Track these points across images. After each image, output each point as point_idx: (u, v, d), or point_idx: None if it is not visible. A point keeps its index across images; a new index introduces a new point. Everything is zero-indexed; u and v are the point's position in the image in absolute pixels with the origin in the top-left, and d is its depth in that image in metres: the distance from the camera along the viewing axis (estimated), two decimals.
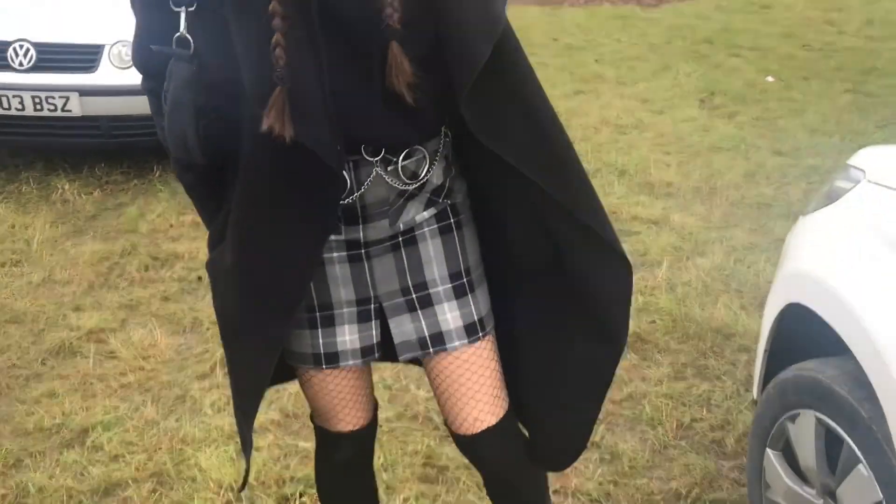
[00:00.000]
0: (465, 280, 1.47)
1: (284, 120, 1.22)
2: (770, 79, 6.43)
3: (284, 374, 1.59)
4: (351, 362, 1.50)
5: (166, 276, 3.49)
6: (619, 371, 2.79)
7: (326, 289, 1.46)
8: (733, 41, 7.72)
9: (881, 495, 1.54)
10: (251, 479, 2.31)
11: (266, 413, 2.62)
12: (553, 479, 2.33)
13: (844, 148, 4.90)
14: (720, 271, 3.44)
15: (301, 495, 2.28)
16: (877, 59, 6.97)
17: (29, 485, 2.31)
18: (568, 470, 2.36)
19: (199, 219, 4.18)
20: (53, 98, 4.20)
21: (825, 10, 9.13)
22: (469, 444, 1.57)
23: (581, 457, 2.42)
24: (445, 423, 1.60)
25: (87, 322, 3.10)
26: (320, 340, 1.48)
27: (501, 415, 1.55)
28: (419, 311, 1.46)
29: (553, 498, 2.30)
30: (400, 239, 1.45)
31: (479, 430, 1.53)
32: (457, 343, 1.47)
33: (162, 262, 3.61)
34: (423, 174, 1.40)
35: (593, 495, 2.28)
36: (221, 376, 2.81)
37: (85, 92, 4.21)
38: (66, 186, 4.35)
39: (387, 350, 1.52)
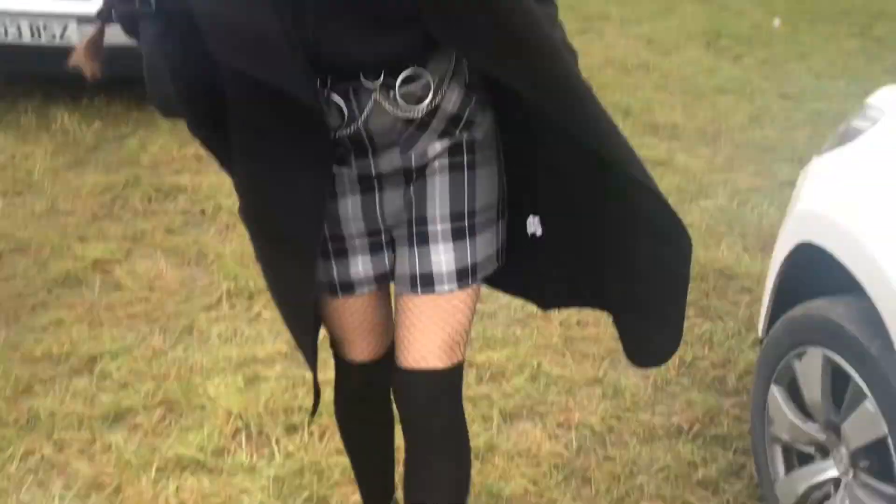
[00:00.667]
0: (466, 223, 1.44)
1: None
2: (777, 22, 6.35)
3: None
4: (366, 289, 1.51)
5: (170, 209, 3.48)
6: None
7: (337, 222, 1.45)
8: None
9: (886, 429, 1.58)
10: (258, 409, 2.36)
11: (273, 344, 2.64)
12: (557, 413, 2.38)
13: (851, 92, 4.87)
14: (724, 213, 3.45)
15: (309, 424, 2.31)
16: (885, 3, 6.88)
17: (39, 410, 2.34)
18: (571, 404, 2.43)
19: (201, 151, 4.13)
20: (51, 26, 4.12)
21: None
22: (403, 379, 1.49)
23: (584, 392, 2.48)
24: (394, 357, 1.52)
25: (91, 252, 3.10)
26: (334, 270, 1.49)
27: (450, 365, 1.47)
28: (415, 248, 1.45)
29: (557, 431, 2.35)
30: (414, 173, 1.43)
31: (420, 368, 1.46)
32: (446, 287, 1.44)
33: (165, 195, 3.60)
34: (428, 100, 1.36)
35: (596, 429, 2.33)
36: (227, 308, 2.83)
37: (84, 20, 4.13)
38: (66, 117, 4.29)
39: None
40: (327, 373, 2.51)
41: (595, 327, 2.73)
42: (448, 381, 1.49)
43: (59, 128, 4.21)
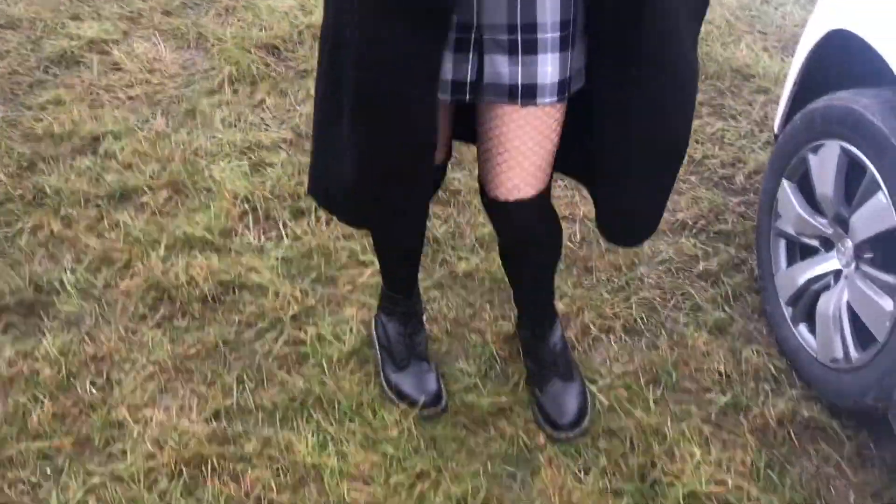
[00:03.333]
0: (570, 31, 1.35)
1: None
2: None
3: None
4: (440, 96, 1.39)
5: None
6: None
7: None
8: None
9: None
10: (265, 192, 2.35)
11: (278, 132, 2.60)
12: (562, 207, 2.37)
13: None
14: (746, 11, 3.30)
15: (315, 210, 2.32)
16: None
17: (45, 186, 2.33)
18: (577, 198, 2.43)
19: None
20: None
21: None
22: (501, 211, 1.53)
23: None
24: (479, 180, 1.55)
25: (87, 31, 2.98)
26: None
27: (541, 189, 1.50)
28: (519, 56, 1.35)
29: (562, 224, 2.36)
30: None
31: (515, 199, 1.49)
32: (548, 99, 1.38)
33: None
34: None
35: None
36: (230, 93, 2.76)
37: None
38: None
39: (476, 94, 1.41)
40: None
41: None
42: (542, 200, 1.53)
43: None
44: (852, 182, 1.74)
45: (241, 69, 2.84)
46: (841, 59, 1.83)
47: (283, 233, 2.25)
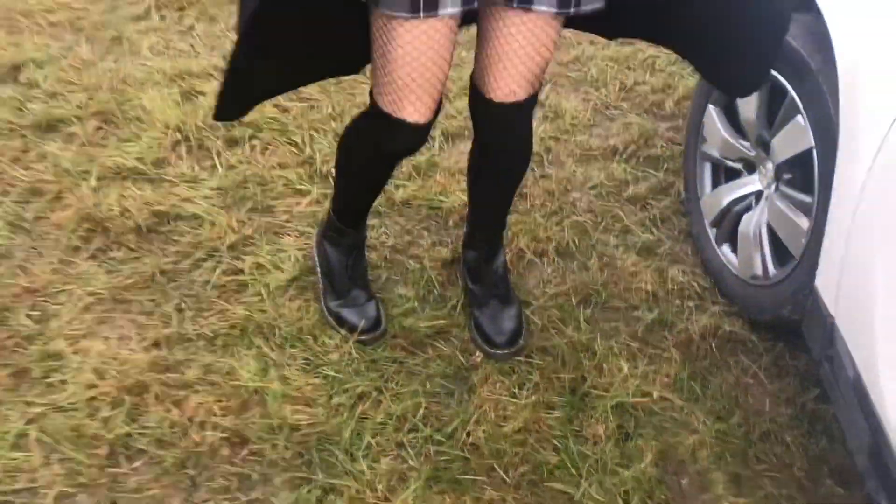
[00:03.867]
0: None
1: None
2: None
3: (351, 62, 1.51)
4: (450, 10, 1.38)
5: None
6: (565, 34, 2.79)
7: None
8: None
9: (812, 142, 1.65)
10: (196, 122, 2.32)
11: (209, 59, 2.55)
12: None
13: None
14: None
15: (250, 139, 2.30)
16: None
17: None
18: None
19: None
20: None
21: None
22: (489, 110, 1.57)
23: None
24: (473, 78, 1.58)
25: None
26: None
27: (531, 92, 1.55)
28: None
29: None
30: None
31: (510, 101, 1.54)
32: (545, 7, 1.40)
33: None
34: None
35: (534, 149, 2.36)
36: (157, 20, 2.69)
37: None
38: None
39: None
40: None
41: None
42: (530, 106, 1.58)
43: None
44: (774, 106, 1.80)
45: None
46: None
47: (217, 162, 2.23)
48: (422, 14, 1.38)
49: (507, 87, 1.54)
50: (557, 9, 1.42)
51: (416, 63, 1.46)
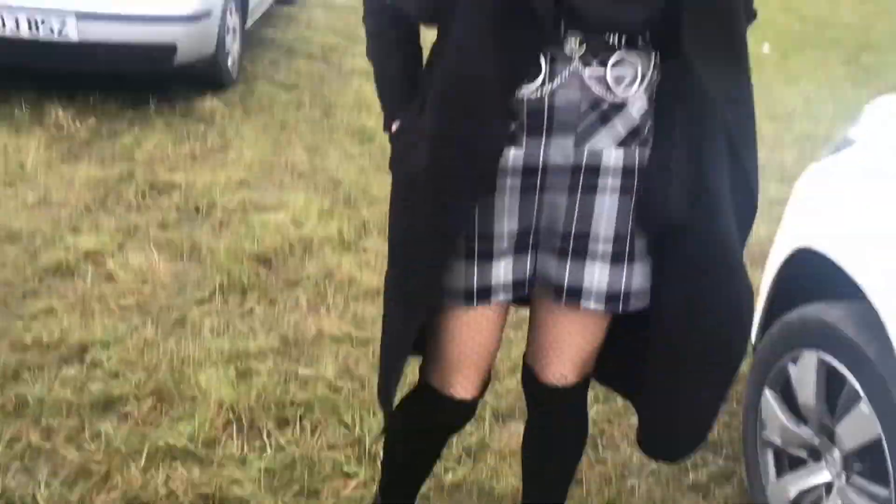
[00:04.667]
0: (628, 248, 1.41)
1: None
2: (766, 47, 6.44)
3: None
4: (502, 297, 1.43)
5: (164, 204, 3.47)
6: None
7: (491, 219, 1.38)
8: None
9: (880, 431, 1.60)
10: (250, 402, 2.34)
11: (266, 339, 2.63)
12: None
13: (839, 116, 4.95)
14: None
15: (301, 419, 2.30)
16: (871, 34, 7.01)
17: (28, 396, 2.31)
18: None
19: (195, 150, 4.14)
20: (50, 21, 4.11)
21: None
22: (542, 392, 1.60)
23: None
24: (525, 359, 1.62)
25: (84, 243, 3.08)
26: (475, 274, 1.41)
27: (584, 376, 1.58)
28: (568, 261, 1.42)
29: None
30: (581, 181, 1.38)
31: (562, 385, 1.56)
32: (593, 305, 1.43)
33: (159, 191, 3.58)
34: (624, 86, 1.34)
35: (590, 432, 2.32)
36: (220, 302, 2.82)
37: (83, 17, 4.13)
38: (60, 112, 4.27)
39: (531, 288, 1.48)
40: (319, 369, 2.51)
41: None
42: (582, 390, 1.61)
43: (53, 122, 4.19)
44: (835, 390, 1.77)
45: (233, 279, 2.92)
46: (809, 273, 1.93)
47: (267, 443, 2.21)
48: (475, 303, 1.43)
49: (558, 371, 1.57)
50: (605, 306, 1.45)
51: (466, 346, 1.50)
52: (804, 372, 1.83)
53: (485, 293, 1.43)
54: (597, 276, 1.41)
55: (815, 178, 2.01)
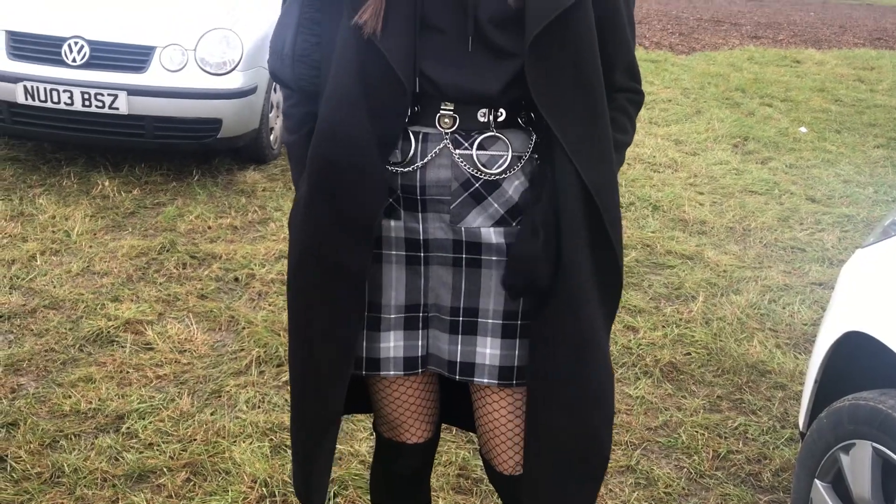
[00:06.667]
0: (519, 322, 1.40)
1: (377, 20, 1.26)
2: (803, 129, 6.46)
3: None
4: (392, 372, 1.44)
5: (203, 275, 3.51)
6: (654, 399, 2.79)
7: (379, 289, 1.41)
8: (765, 91, 7.78)
9: None
10: (284, 476, 2.31)
11: None
12: None
13: (878, 199, 4.91)
14: (755, 309, 3.44)
15: (335, 496, 2.26)
16: None
17: (64, 465, 2.31)
18: (603, 491, 2.37)
19: (236, 222, 4.21)
20: (102, 95, 4.26)
21: (856, 69, 9.21)
22: (508, 484, 1.54)
23: (616, 480, 2.42)
24: (481, 451, 1.57)
25: (124, 312, 3.12)
26: (363, 344, 1.43)
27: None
28: (459, 336, 1.41)
29: None
30: (464, 256, 1.38)
31: (518, 474, 1.51)
32: (486, 380, 1.41)
33: (199, 261, 3.63)
34: (497, 167, 1.34)
35: None
36: (256, 374, 2.81)
37: (133, 91, 4.27)
38: (107, 183, 4.39)
39: (426, 366, 1.47)
40: (353, 445, 2.48)
41: (627, 415, 2.69)
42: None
43: (99, 193, 4.29)
44: (890, 481, 1.70)
45: (270, 351, 2.93)
46: (859, 358, 1.88)
47: None
48: (364, 372, 1.44)
49: (511, 459, 1.50)
50: (500, 380, 1.41)
51: (401, 407, 1.54)
52: (858, 463, 1.77)
53: (373, 364, 1.43)
54: (489, 351, 1.40)
55: (866, 262, 1.98)
